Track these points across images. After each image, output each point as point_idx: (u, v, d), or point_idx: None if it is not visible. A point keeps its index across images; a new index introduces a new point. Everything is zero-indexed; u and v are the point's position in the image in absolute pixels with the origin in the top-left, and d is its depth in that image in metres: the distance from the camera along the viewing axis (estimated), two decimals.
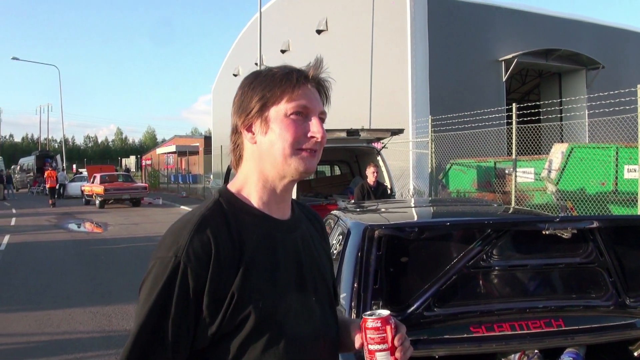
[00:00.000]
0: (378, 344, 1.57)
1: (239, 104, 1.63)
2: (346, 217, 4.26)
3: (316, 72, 1.63)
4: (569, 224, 3.23)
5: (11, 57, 49.79)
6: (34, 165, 49.07)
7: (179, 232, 1.49)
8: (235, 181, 1.67)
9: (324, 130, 1.59)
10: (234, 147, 1.68)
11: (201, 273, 1.43)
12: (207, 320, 1.44)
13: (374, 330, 1.57)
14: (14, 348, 6.88)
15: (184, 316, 1.43)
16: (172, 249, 1.45)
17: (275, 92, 1.57)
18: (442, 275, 3.28)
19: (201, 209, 1.56)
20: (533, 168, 13.71)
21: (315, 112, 1.60)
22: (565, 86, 27.46)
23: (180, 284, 1.42)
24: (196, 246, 1.44)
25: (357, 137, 11.76)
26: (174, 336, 1.42)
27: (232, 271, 1.47)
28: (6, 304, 9.13)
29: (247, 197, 1.62)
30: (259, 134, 1.59)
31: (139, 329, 1.41)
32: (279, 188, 1.63)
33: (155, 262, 1.47)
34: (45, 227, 20.99)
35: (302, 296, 1.60)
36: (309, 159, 1.58)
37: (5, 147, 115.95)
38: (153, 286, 1.44)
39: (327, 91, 1.68)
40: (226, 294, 1.45)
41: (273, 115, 1.57)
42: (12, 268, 12.43)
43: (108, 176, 31.45)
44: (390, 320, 1.59)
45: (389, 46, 23.47)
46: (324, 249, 1.84)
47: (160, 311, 1.42)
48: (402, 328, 1.63)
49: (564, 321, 3.29)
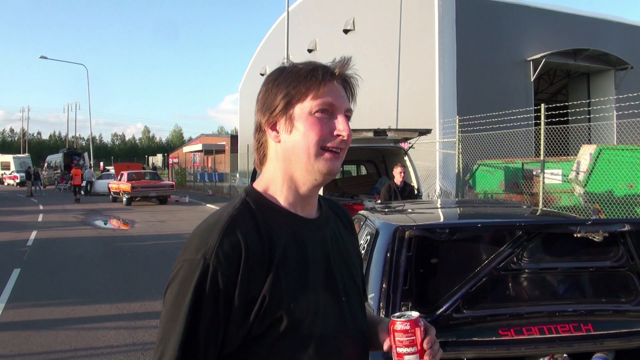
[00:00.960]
0: (407, 347, 1.53)
1: (262, 101, 1.60)
2: (374, 217, 4.24)
3: (342, 68, 1.59)
4: (601, 227, 3.20)
5: (39, 56, 50.42)
6: (62, 162, 49.55)
7: (207, 233, 1.45)
8: (260, 180, 1.64)
9: (350, 129, 1.56)
10: (258, 146, 1.65)
11: (231, 276, 1.40)
12: (237, 323, 1.41)
13: (403, 333, 1.54)
14: (40, 342, 6.94)
15: (215, 320, 1.40)
16: (201, 251, 1.41)
17: (300, 89, 1.53)
18: (472, 277, 3.27)
19: (228, 209, 1.53)
20: (561, 169, 13.56)
21: (342, 109, 1.56)
22: (594, 87, 27.15)
23: (211, 287, 1.39)
24: (226, 248, 1.41)
25: (384, 137, 11.73)
26: (209, 342, 1.39)
27: (263, 273, 1.44)
28: (33, 298, 9.22)
29: (274, 196, 1.59)
30: (283, 133, 1.56)
31: (182, 339, 1.37)
32: (304, 189, 1.59)
33: (183, 264, 1.43)
34: (72, 223, 21.18)
35: (332, 296, 1.57)
36: (332, 160, 1.54)
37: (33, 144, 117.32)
38: (182, 290, 1.40)
39: (353, 88, 1.64)
40: (257, 296, 1.42)
41: (298, 113, 1.54)
42: (38, 263, 12.54)
43: (135, 174, 31.63)
44: (419, 322, 1.55)
45: (417, 45, 23.38)
46: (353, 245, 1.81)
47: (195, 316, 1.38)
48: (432, 330, 1.59)
49: (593, 325, 3.27)
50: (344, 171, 17.42)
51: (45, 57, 50.55)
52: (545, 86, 32.09)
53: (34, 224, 20.37)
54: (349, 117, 1.59)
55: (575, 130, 14.35)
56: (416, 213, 4.81)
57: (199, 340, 1.39)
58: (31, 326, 7.63)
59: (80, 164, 45.68)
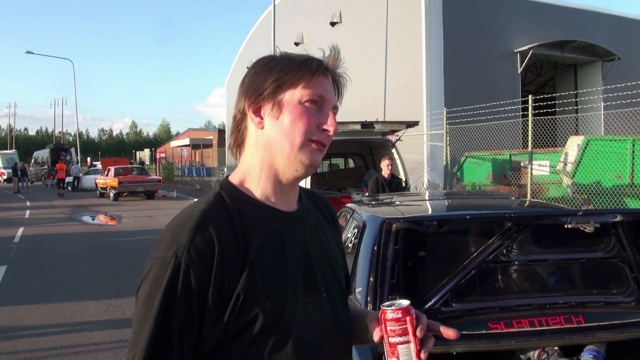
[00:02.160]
0: (399, 336, 1.47)
1: (249, 84, 1.53)
2: (361, 210, 4.19)
3: (334, 63, 1.55)
4: (592, 218, 3.15)
5: (25, 51, 50.09)
6: (49, 158, 49.25)
7: (178, 229, 1.39)
8: (237, 171, 1.58)
9: (337, 125, 1.52)
10: (236, 132, 1.58)
11: (204, 274, 1.34)
12: (212, 322, 1.36)
13: (395, 322, 1.47)
14: (26, 340, 6.88)
15: (188, 320, 1.34)
16: (172, 249, 1.35)
17: (293, 76, 1.48)
18: (461, 270, 3.22)
19: (201, 204, 1.46)
20: (549, 161, 13.58)
21: (330, 104, 1.52)
22: (581, 78, 27.23)
23: (183, 286, 1.33)
24: (198, 245, 1.35)
25: (371, 130, 11.71)
26: (181, 342, 1.34)
27: (237, 270, 1.38)
28: (19, 296, 9.16)
29: (250, 188, 1.53)
30: (268, 118, 1.50)
31: (152, 341, 1.32)
32: (284, 180, 1.53)
33: (154, 262, 1.37)
34: (59, 219, 21.09)
35: (311, 292, 1.52)
36: (316, 152, 1.49)
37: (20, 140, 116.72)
38: (154, 289, 1.34)
39: (341, 86, 1.60)
40: (231, 294, 1.37)
41: (287, 99, 1.48)
42: (25, 261, 12.46)
43: (122, 169, 31.57)
44: (411, 310, 1.49)
45: (404, 38, 23.36)
46: (335, 238, 1.74)
47: (166, 316, 1.33)
48: (424, 318, 1.53)
49: (584, 317, 3.22)
50: (331, 164, 17.40)
51: (31, 52, 50.26)
52: (533, 78, 32.16)
53: (21, 221, 20.25)
54: (334, 113, 1.55)
55: (562, 121, 14.36)
56: (404, 205, 4.76)
57: (171, 341, 1.34)
58: (17, 325, 7.57)
59: (67, 159, 45.66)
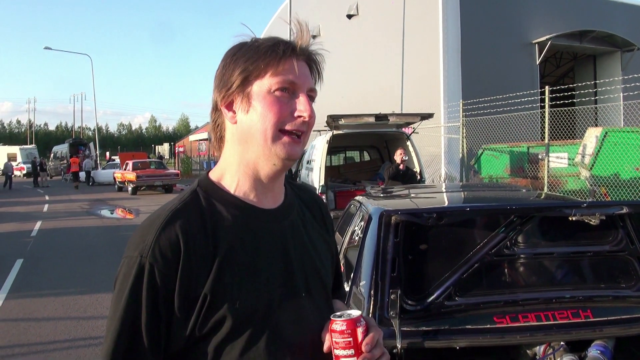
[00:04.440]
0: (343, 349, 1.41)
1: (219, 77, 1.48)
2: (368, 203, 4.14)
3: (304, 42, 1.47)
4: (597, 210, 3.06)
5: (44, 47, 50.37)
6: (68, 153, 49.61)
7: (147, 229, 1.38)
8: (216, 167, 1.55)
9: (313, 110, 1.45)
10: (214, 127, 1.54)
11: (169, 274, 1.33)
12: (180, 322, 1.35)
13: (339, 334, 1.41)
14: (39, 332, 6.93)
15: (155, 320, 1.33)
16: (139, 248, 1.35)
17: (258, 65, 1.42)
18: (464, 263, 3.15)
19: (174, 202, 1.45)
20: (567, 153, 13.42)
21: (303, 88, 1.45)
22: (600, 69, 26.91)
23: (148, 286, 1.32)
24: (163, 245, 1.34)
25: (385, 122, 11.64)
26: (148, 341, 1.33)
27: (205, 270, 1.36)
28: (35, 289, 9.23)
29: (227, 185, 1.50)
30: (240, 112, 1.45)
31: (116, 337, 1.32)
32: (263, 176, 1.49)
33: (124, 261, 1.37)
34: (77, 213, 21.28)
35: (290, 292, 1.47)
36: (291, 144, 1.44)
37: (40, 135, 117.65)
38: (121, 288, 1.35)
39: (318, 66, 1.52)
40: (198, 295, 1.34)
41: (256, 91, 1.43)
42: (42, 254, 12.55)
43: (140, 163, 31.81)
44: (359, 322, 1.43)
45: (421, 29, 23.19)
46: (322, 236, 1.69)
47: (132, 316, 1.32)
48: (375, 331, 1.46)
49: (592, 312, 3.13)
50: (346, 157, 17.33)
51: (49, 47, 50.49)
52: (552, 69, 31.85)
53: (39, 215, 20.44)
54: (312, 97, 1.48)
55: (581, 112, 14.19)
56: (412, 198, 4.70)
57: (136, 340, 1.33)
58: (31, 317, 7.66)
59: (86, 154, 46.10)
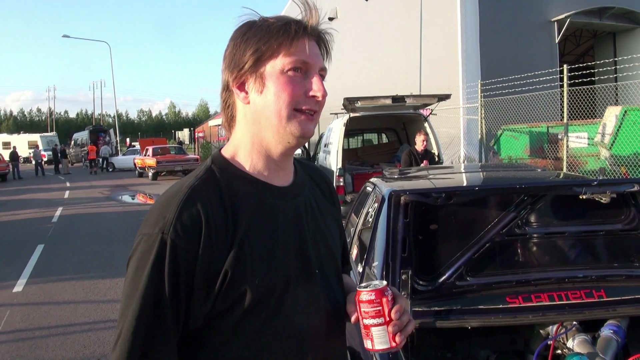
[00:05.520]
0: (373, 317, 1.44)
1: (230, 57, 1.47)
2: (382, 184, 4.13)
3: (315, 22, 1.46)
4: (608, 188, 3.03)
5: (62, 35, 50.71)
6: (88, 139, 49.96)
7: (165, 205, 1.36)
8: (229, 145, 1.54)
9: (325, 89, 1.44)
10: (225, 107, 1.53)
11: (191, 250, 1.32)
12: (200, 299, 1.34)
13: (368, 304, 1.45)
14: (60, 315, 7.04)
15: (175, 297, 1.32)
16: (159, 225, 1.33)
17: (271, 45, 1.41)
18: (475, 243, 3.15)
19: (190, 179, 1.44)
20: (586, 132, 13.24)
21: (316, 68, 1.44)
22: (620, 46, 26.45)
23: (170, 262, 1.31)
24: (185, 221, 1.32)
25: (403, 104, 11.56)
26: (170, 319, 1.32)
27: (225, 247, 1.35)
28: (55, 273, 9.35)
29: (241, 162, 1.49)
30: (252, 93, 1.44)
31: (138, 315, 1.30)
32: (276, 154, 1.48)
33: (141, 239, 1.35)
34: (98, 199, 21.44)
35: (304, 268, 1.48)
36: (306, 122, 1.43)
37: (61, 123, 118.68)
38: (140, 266, 1.32)
39: (328, 45, 1.51)
40: (219, 271, 1.34)
41: (269, 71, 1.42)
42: (62, 239, 12.68)
43: (160, 149, 32.01)
44: (386, 291, 1.46)
45: (438, 9, 22.96)
46: (332, 214, 1.70)
47: (153, 294, 1.30)
48: (401, 300, 1.49)
49: (605, 291, 3.11)
50: (364, 140, 17.27)
51: (67, 35, 50.90)
52: (572, 48, 31.43)
53: (60, 201, 20.65)
54: (323, 76, 1.47)
55: (601, 91, 13.99)
56: (425, 179, 4.67)
57: (158, 317, 1.32)
58: (51, 300, 7.78)
59: (107, 140, 46.47)
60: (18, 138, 62.29)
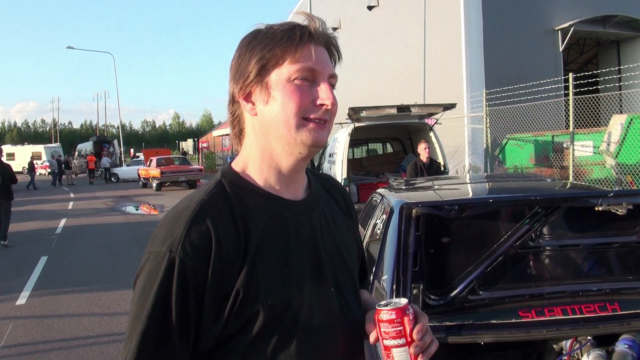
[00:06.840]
0: (394, 338, 1.36)
1: (235, 68, 1.41)
2: (390, 196, 4.06)
3: (320, 26, 1.39)
4: (624, 199, 2.98)
5: (66, 47, 50.86)
6: (92, 150, 50.00)
7: (174, 222, 1.30)
8: (239, 159, 1.48)
9: (335, 97, 1.37)
10: (233, 120, 1.48)
11: (200, 269, 1.26)
12: (211, 320, 1.28)
13: (389, 323, 1.36)
14: (63, 329, 6.97)
15: (184, 319, 1.26)
16: (167, 243, 1.27)
17: (275, 52, 1.35)
18: (488, 256, 3.09)
19: (200, 194, 1.37)
20: (592, 141, 13.18)
21: (324, 75, 1.38)
22: (624, 54, 26.41)
23: (178, 282, 1.25)
24: (194, 238, 1.26)
25: (408, 113, 11.53)
26: (178, 341, 1.26)
27: (237, 265, 1.29)
28: (59, 286, 9.28)
29: (252, 176, 1.43)
30: (259, 104, 1.38)
31: (144, 339, 1.24)
32: (287, 167, 1.42)
33: (149, 257, 1.29)
34: (102, 210, 21.40)
35: (319, 286, 1.41)
36: (317, 130, 1.36)
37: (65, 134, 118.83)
38: (148, 285, 1.27)
39: (337, 50, 1.44)
40: (230, 290, 1.28)
41: (274, 80, 1.36)
42: (66, 251, 12.63)
43: (164, 159, 31.91)
44: (408, 310, 1.37)
45: (442, 19, 22.98)
46: (348, 226, 1.63)
47: (161, 315, 1.25)
48: (423, 318, 1.40)
49: (619, 305, 3.05)
50: (369, 149, 17.24)
51: (71, 47, 50.93)
52: (576, 56, 31.41)
53: (64, 212, 20.60)
54: (333, 84, 1.41)
55: (606, 99, 13.94)
56: (434, 190, 4.61)
57: (165, 340, 1.26)
58: (55, 313, 7.70)
59: (110, 151, 46.59)
60: (22, 149, 62.20)
